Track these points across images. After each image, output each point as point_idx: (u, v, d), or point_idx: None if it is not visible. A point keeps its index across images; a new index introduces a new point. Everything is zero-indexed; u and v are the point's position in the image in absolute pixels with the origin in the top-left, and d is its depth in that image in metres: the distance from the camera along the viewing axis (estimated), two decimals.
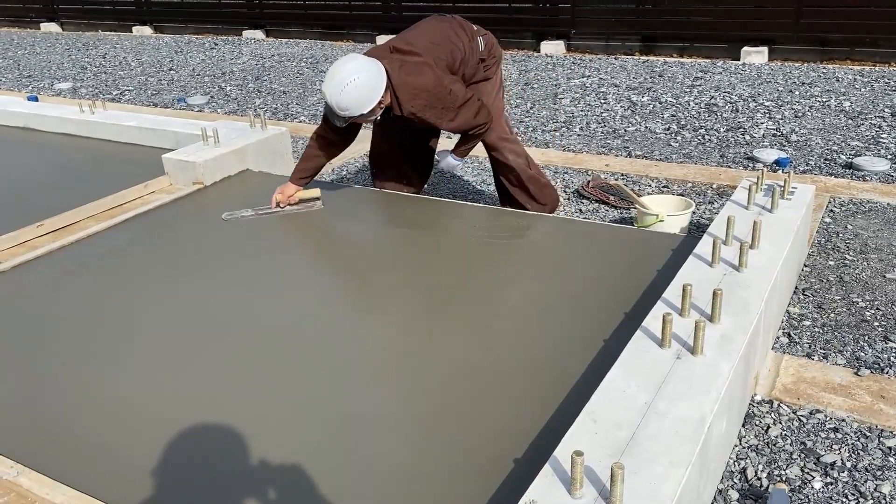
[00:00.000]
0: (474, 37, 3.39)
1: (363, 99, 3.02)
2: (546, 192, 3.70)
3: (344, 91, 2.98)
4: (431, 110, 3.17)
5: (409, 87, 3.10)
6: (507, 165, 3.58)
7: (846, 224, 3.62)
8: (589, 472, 1.56)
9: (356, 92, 2.99)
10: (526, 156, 3.66)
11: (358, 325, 2.59)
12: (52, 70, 9.03)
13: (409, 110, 3.14)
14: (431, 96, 3.13)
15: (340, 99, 3.00)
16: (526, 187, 3.62)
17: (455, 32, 3.34)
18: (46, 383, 2.36)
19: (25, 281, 3.07)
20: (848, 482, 2.03)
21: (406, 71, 3.11)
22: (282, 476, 1.90)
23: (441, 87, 3.14)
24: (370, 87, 3.01)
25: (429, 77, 3.13)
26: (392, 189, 3.75)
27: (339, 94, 2.98)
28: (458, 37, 3.32)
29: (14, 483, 1.96)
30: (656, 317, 2.11)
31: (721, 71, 7.06)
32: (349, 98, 3.00)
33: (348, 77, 2.97)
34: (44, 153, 4.76)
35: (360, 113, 3.06)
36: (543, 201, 3.68)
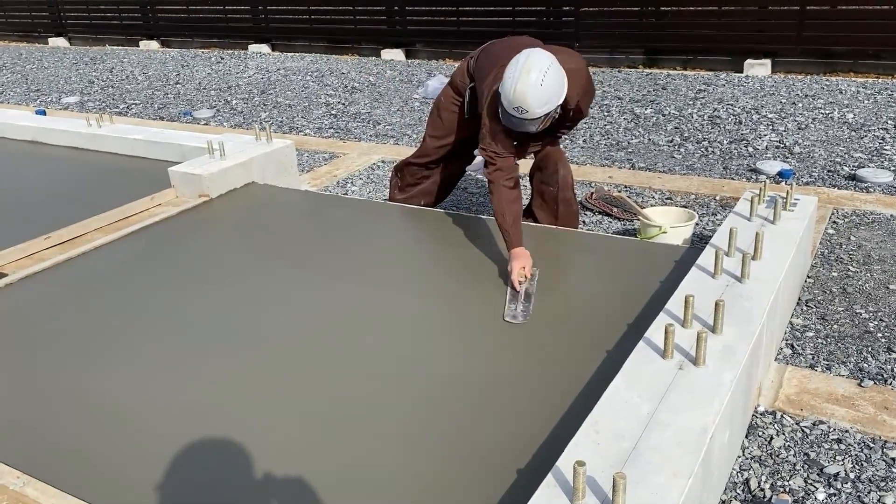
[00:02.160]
0: None
1: (561, 85, 2.80)
2: (569, 218, 3.53)
3: (545, 81, 2.71)
4: (587, 97, 3.06)
5: (573, 74, 2.90)
6: (555, 178, 3.41)
7: (849, 235, 3.63)
8: (591, 483, 1.57)
9: (555, 79, 2.75)
10: (573, 179, 3.52)
11: (361, 335, 2.60)
12: (60, 84, 9.10)
13: (576, 99, 2.97)
14: (587, 79, 3.02)
15: (542, 91, 2.71)
16: (557, 205, 3.46)
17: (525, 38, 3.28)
18: (53, 394, 2.38)
19: (33, 293, 3.09)
20: (851, 493, 2.03)
21: (561, 60, 2.86)
22: (285, 486, 1.91)
23: (586, 70, 3.03)
24: (561, 74, 2.80)
25: (579, 58, 3.01)
26: (416, 202, 3.75)
27: (541, 87, 2.71)
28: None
29: (20, 493, 1.97)
30: (659, 328, 2.12)
31: (724, 83, 7.09)
32: (549, 89, 2.73)
33: (543, 66, 2.72)
34: (51, 166, 4.80)
35: (559, 103, 2.82)
36: (563, 226, 3.51)
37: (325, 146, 5.69)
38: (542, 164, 3.50)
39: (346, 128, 6.23)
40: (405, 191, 3.78)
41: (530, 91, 2.71)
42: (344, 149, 5.57)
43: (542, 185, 3.51)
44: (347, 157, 5.35)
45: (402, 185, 3.80)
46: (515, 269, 2.79)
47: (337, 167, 5.13)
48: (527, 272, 2.81)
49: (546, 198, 3.52)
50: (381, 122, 6.38)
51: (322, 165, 5.22)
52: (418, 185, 3.75)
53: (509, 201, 2.98)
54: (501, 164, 3.02)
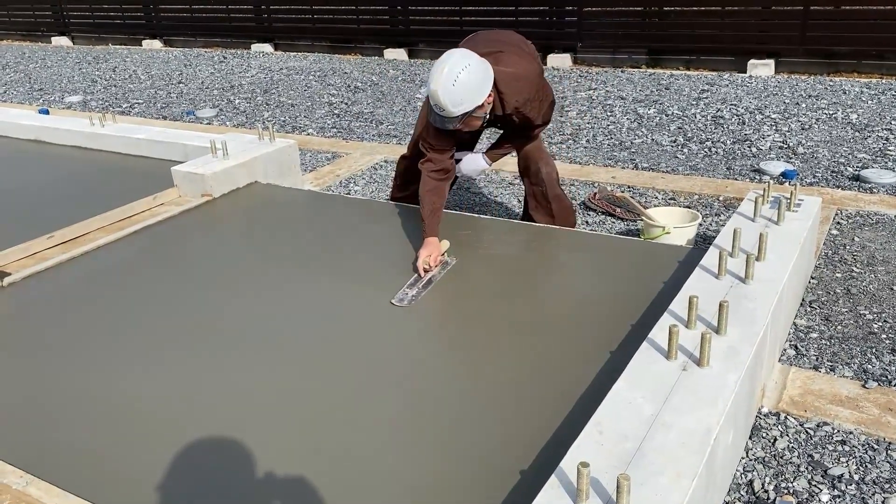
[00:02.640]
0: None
1: (477, 86, 2.81)
2: (565, 214, 3.59)
3: (458, 81, 2.75)
4: (532, 103, 3.04)
5: (512, 79, 2.93)
6: (540, 177, 3.48)
7: (853, 236, 3.62)
8: (595, 484, 1.56)
9: (470, 80, 2.77)
10: (557, 174, 3.57)
11: (364, 334, 2.60)
12: (63, 83, 9.11)
13: (514, 105, 2.98)
14: (533, 86, 3.01)
15: (454, 91, 2.76)
16: (549, 204, 3.53)
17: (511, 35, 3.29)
18: (55, 394, 2.38)
19: (36, 292, 3.09)
20: (855, 495, 2.02)
21: (505, 63, 2.93)
22: (288, 487, 1.91)
23: (539, 77, 3.04)
24: (482, 74, 2.82)
25: (531, 65, 3.01)
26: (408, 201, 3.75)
27: (453, 87, 2.75)
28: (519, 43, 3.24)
29: (23, 493, 1.97)
30: (662, 328, 2.12)
31: (727, 83, 7.08)
32: (463, 88, 2.77)
33: (458, 66, 2.76)
34: (54, 165, 4.80)
35: (474, 105, 2.83)
36: (561, 222, 3.58)
37: (328, 146, 5.69)
38: (525, 165, 3.54)
39: (349, 127, 6.23)
40: (405, 189, 3.79)
41: (441, 90, 2.76)
42: (346, 148, 5.57)
43: (532, 186, 3.56)
44: (350, 156, 5.35)
45: (402, 182, 3.80)
46: (422, 256, 2.97)
47: (339, 167, 5.13)
48: (433, 261, 2.97)
49: (538, 198, 3.57)
50: (384, 121, 6.38)
51: (325, 165, 5.22)
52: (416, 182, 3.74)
53: (430, 190, 3.12)
54: (431, 156, 3.13)
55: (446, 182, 3.23)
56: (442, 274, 2.99)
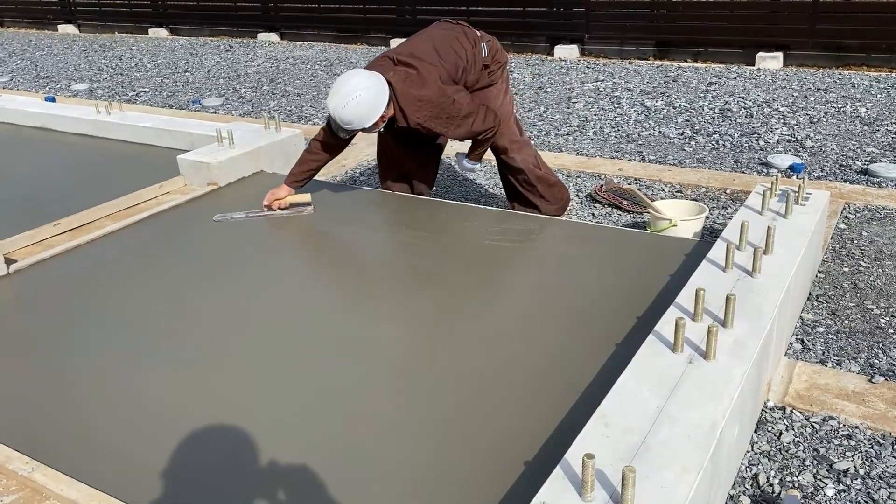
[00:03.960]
0: (477, 43, 3.41)
1: (366, 114, 3.09)
2: (555, 191, 3.72)
3: (347, 106, 3.05)
4: (437, 120, 3.21)
5: (413, 99, 3.15)
6: (516, 167, 3.62)
7: (861, 230, 3.60)
8: (600, 476, 1.56)
9: (359, 108, 3.07)
10: (535, 156, 3.68)
11: (370, 328, 2.60)
12: (69, 71, 9.11)
13: (416, 121, 3.20)
14: (435, 107, 3.18)
15: (344, 113, 3.08)
16: (535, 187, 3.66)
17: (458, 40, 3.35)
18: (60, 381, 2.39)
19: (42, 279, 3.10)
20: (861, 489, 2.02)
21: (410, 83, 3.16)
22: (292, 477, 1.91)
23: (444, 98, 3.18)
24: (373, 103, 3.08)
25: (432, 88, 3.17)
26: (398, 189, 3.76)
27: (343, 110, 3.07)
28: (460, 45, 3.34)
29: (29, 479, 1.98)
30: (669, 321, 2.11)
31: (735, 76, 7.04)
32: (353, 113, 3.08)
33: (352, 93, 3.05)
34: (61, 153, 4.80)
35: (362, 127, 3.14)
36: (552, 200, 3.70)
37: None
38: (500, 166, 3.70)
39: None
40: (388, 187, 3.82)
41: (333, 110, 3.11)
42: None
43: (513, 176, 3.67)
44: (356, 146, 5.32)
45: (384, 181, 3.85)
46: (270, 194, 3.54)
47: (345, 157, 5.10)
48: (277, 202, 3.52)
49: (524, 185, 3.67)
50: None
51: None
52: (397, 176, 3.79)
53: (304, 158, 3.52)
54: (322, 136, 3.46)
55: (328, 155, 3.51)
56: (289, 215, 3.53)
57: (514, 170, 3.64)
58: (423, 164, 3.78)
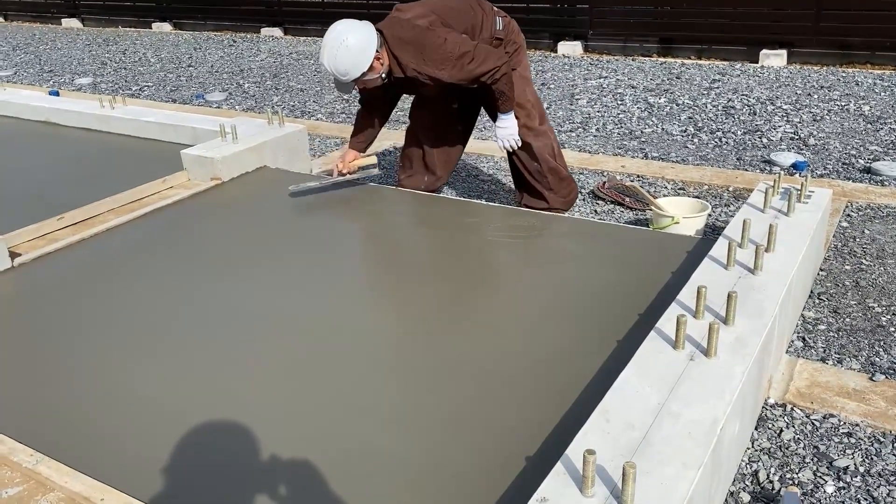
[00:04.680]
0: (491, 14, 3.42)
1: (358, 58, 3.07)
2: (564, 185, 3.69)
3: (338, 55, 3.04)
4: (429, 63, 3.16)
5: (401, 43, 3.15)
6: (531, 154, 3.56)
7: (863, 229, 3.60)
8: (601, 472, 1.57)
9: (349, 53, 3.05)
10: (553, 148, 3.64)
11: (373, 322, 2.61)
12: (73, 65, 9.12)
13: (413, 68, 3.17)
14: (423, 47, 3.14)
15: (337, 64, 3.06)
16: (545, 178, 3.61)
17: (471, 6, 3.37)
18: (65, 374, 2.40)
19: (45, 273, 3.11)
20: (861, 487, 2.03)
21: (398, 27, 3.17)
22: (293, 470, 1.92)
23: (432, 36, 3.14)
24: (362, 45, 3.07)
25: (418, 29, 3.15)
26: (415, 182, 3.75)
27: (335, 60, 3.05)
28: (471, 8, 3.35)
29: (33, 471, 1.99)
30: (670, 318, 2.12)
31: (739, 73, 7.03)
32: (344, 61, 3.06)
33: (337, 41, 3.04)
34: (64, 147, 4.81)
35: (360, 72, 3.11)
36: (561, 194, 3.67)
37: (337, 131, 5.69)
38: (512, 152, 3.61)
39: None
40: (407, 169, 3.79)
41: (327, 64, 3.10)
42: None
43: (527, 164, 3.62)
44: None
45: (405, 163, 3.81)
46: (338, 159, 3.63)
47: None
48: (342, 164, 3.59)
49: (534, 175, 3.63)
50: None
51: (334, 150, 5.22)
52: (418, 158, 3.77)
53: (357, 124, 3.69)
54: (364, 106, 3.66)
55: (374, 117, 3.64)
56: (361, 179, 3.66)
57: (526, 156, 3.58)
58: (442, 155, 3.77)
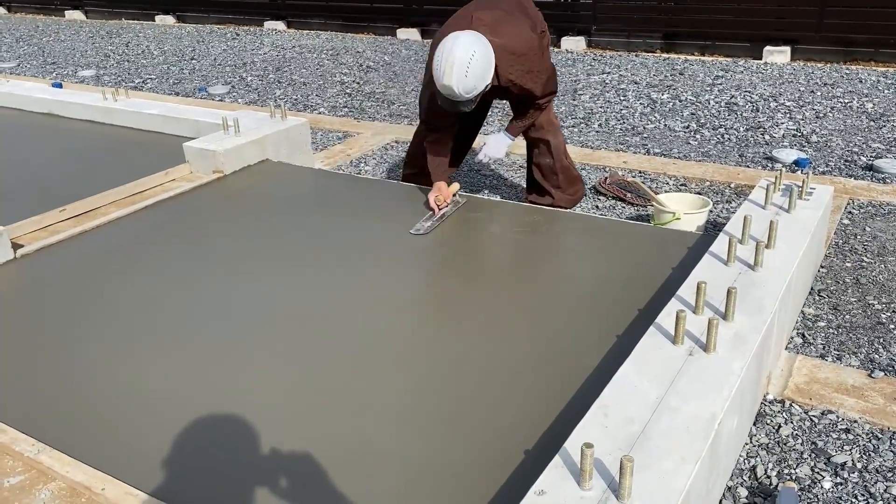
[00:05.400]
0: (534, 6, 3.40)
1: (486, 71, 2.93)
2: (573, 185, 3.69)
3: (469, 72, 2.86)
4: (529, 75, 3.10)
5: (506, 53, 3.00)
6: (547, 149, 3.54)
7: (864, 226, 3.60)
8: (598, 465, 1.58)
9: (479, 67, 2.89)
10: (565, 145, 3.66)
11: (372, 317, 2.62)
12: (76, 57, 9.12)
13: (508, 78, 3.06)
14: (528, 60, 3.08)
15: (467, 82, 2.88)
16: (557, 175, 3.60)
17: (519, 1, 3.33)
18: (66, 365, 2.41)
19: (47, 264, 3.12)
20: (858, 483, 2.03)
21: (501, 34, 3.01)
22: (293, 463, 1.93)
23: (535, 50, 3.09)
24: (488, 57, 2.92)
25: (524, 38, 3.06)
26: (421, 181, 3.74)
27: (466, 78, 2.86)
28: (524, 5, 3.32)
29: (35, 460, 2.00)
30: (670, 314, 2.12)
31: (742, 70, 7.02)
32: (474, 77, 2.89)
33: (466, 57, 2.85)
34: (67, 139, 4.82)
35: (484, 86, 2.96)
36: (569, 192, 3.67)
37: (339, 125, 5.69)
38: (534, 137, 3.56)
39: (361, 107, 6.22)
40: (414, 167, 3.79)
41: (455, 83, 2.86)
42: (358, 128, 5.56)
43: (539, 158, 3.61)
44: (361, 136, 5.35)
45: (411, 161, 3.81)
46: (431, 196, 3.33)
47: (350, 146, 5.13)
48: (441, 199, 3.33)
49: (545, 171, 3.62)
50: (396, 101, 6.36)
51: (336, 144, 5.22)
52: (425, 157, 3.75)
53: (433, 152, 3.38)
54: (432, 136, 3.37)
55: (447, 146, 3.40)
56: (454, 211, 3.37)
57: (543, 151, 3.56)
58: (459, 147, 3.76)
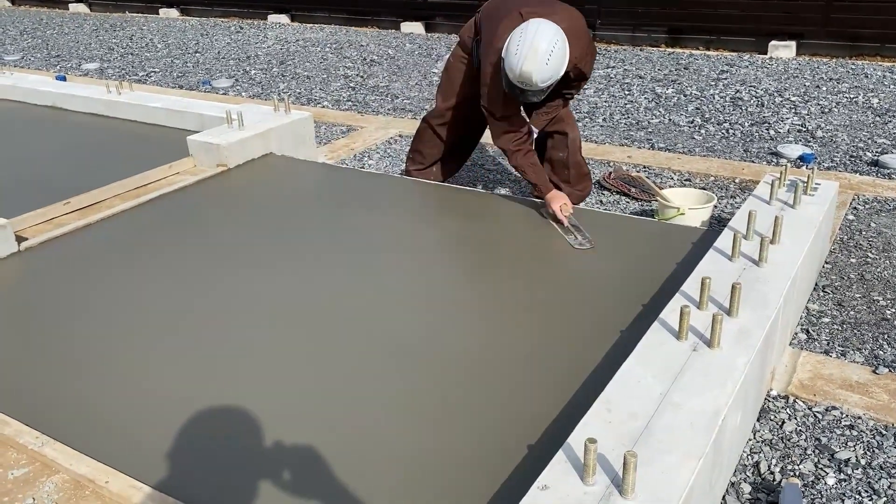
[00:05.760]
0: None
1: (563, 61, 2.93)
2: (582, 181, 3.68)
3: (550, 61, 2.86)
4: (587, 57, 3.12)
5: (573, 36, 2.98)
6: (564, 141, 3.52)
7: (869, 222, 3.59)
8: (602, 460, 1.57)
9: (558, 57, 2.89)
10: (580, 138, 3.65)
11: (375, 310, 2.62)
12: (80, 50, 9.12)
13: (573, 61, 3.04)
14: (587, 40, 3.09)
15: (546, 70, 2.87)
16: (568, 170, 3.58)
17: None
18: (70, 358, 2.41)
19: (52, 257, 3.12)
20: (862, 479, 2.03)
21: (561, 19, 3.00)
22: (296, 458, 1.93)
23: (587, 31, 3.11)
24: (566, 50, 2.93)
25: (579, 20, 3.08)
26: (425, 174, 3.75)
27: (547, 66, 2.85)
28: None
29: (39, 453, 2.01)
30: (674, 309, 2.12)
31: (748, 65, 6.99)
32: (553, 67, 2.89)
33: (550, 46, 2.85)
34: (71, 132, 4.82)
35: (558, 77, 2.97)
36: (577, 188, 3.65)
37: (343, 119, 5.68)
38: (552, 130, 3.54)
39: (364, 101, 6.21)
40: (419, 163, 3.79)
41: (536, 69, 2.83)
42: (361, 122, 5.56)
43: (552, 150, 3.59)
44: (365, 130, 5.34)
45: (416, 156, 3.81)
46: (556, 206, 3.13)
47: (354, 140, 5.12)
48: (568, 207, 3.14)
49: (556, 165, 3.60)
50: (400, 95, 6.35)
51: (339, 138, 5.21)
52: (432, 154, 3.76)
53: (524, 156, 3.27)
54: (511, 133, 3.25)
55: (529, 147, 3.33)
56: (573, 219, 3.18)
57: (559, 144, 3.54)
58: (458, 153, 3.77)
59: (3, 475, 1.98)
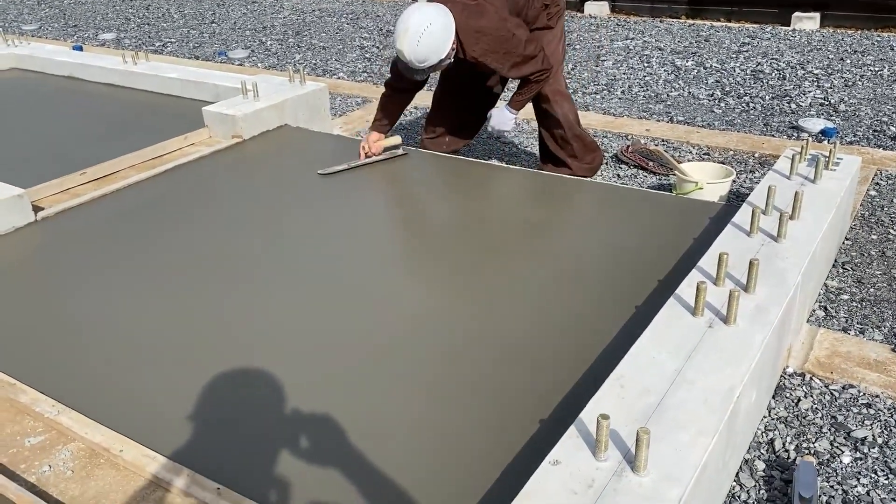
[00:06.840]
0: None
1: (439, 46, 3.01)
2: (589, 153, 3.65)
3: (420, 42, 2.96)
4: (493, 55, 3.14)
5: (471, 31, 3.08)
6: (556, 119, 3.53)
7: (892, 198, 3.53)
8: (614, 436, 1.56)
9: (431, 40, 2.98)
10: (576, 113, 3.62)
11: (391, 286, 2.61)
12: (97, 20, 9.10)
13: (472, 55, 3.12)
14: (493, 40, 3.11)
15: (418, 51, 2.99)
16: (570, 144, 3.57)
17: None
18: (86, 326, 2.43)
19: (68, 227, 3.14)
20: (878, 458, 2.01)
21: (468, 14, 3.09)
22: (313, 429, 1.94)
23: (503, 30, 3.11)
24: (443, 33, 3.01)
25: (491, 19, 3.10)
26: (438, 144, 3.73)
27: (416, 47, 2.97)
28: None
29: (55, 421, 2.03)
30: (690, 285, 2.09)
31: (770, 37, 6.86)
32: (426, 48, 2.99)
33: (420, 27, 2.96)
34: (88, 103, 4.82)
35: (438, 60, 3.06)
36: (585, 161, 3.63)
37: (358, 90, 5.64)
38: (539, 118, 3.59)
39: (380, 72, 6.16)
40: (431, 132, 3.77)
41: (406, 50, 3.00)
42: (377, 94, 5.48)
43: (551, 129, 3.59)
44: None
45: (428, 126, 3.79)
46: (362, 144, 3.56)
47: (370, 112, 5.06)
48: (368, 148, 3.53)
49: (558, 140, 3.60)
50: None
51: (355, 110, 5.18)
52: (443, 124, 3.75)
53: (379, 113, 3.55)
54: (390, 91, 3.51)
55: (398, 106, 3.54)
56: (387, 159, 3.57)
57: (553, 122, 3.54)
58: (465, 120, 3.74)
59: (21, 442, 2.01)
